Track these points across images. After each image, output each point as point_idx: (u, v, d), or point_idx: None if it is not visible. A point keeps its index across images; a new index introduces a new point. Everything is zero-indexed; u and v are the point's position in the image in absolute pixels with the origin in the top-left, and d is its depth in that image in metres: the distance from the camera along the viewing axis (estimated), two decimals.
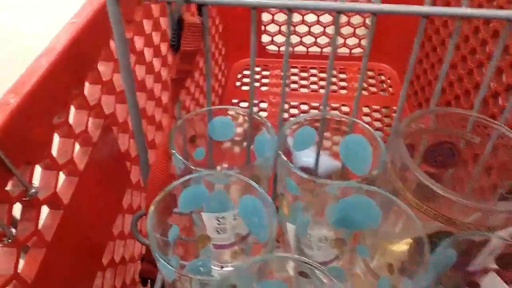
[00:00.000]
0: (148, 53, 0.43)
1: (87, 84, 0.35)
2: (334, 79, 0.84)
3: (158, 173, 0.30)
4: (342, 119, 0.32)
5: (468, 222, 0.25)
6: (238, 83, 0.84)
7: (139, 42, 0.42)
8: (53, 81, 0.29)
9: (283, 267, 0.22)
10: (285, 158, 0.28)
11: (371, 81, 0.84)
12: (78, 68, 0.33)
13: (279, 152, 0.29)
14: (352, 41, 0.84)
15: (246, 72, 0.86)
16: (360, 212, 0.27)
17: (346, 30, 0.83)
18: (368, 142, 0.31)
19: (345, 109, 0.78)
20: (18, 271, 0.26)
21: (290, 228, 0.31)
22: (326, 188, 0.26)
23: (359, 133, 0.31)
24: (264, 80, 0.85)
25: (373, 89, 0.82)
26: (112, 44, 0.36)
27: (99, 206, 0.38)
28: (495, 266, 0.25)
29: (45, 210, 0.30)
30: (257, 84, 0.84)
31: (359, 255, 0.29)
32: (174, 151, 0.29)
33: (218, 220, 0.29)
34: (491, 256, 0.25)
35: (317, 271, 0.21)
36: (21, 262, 0.28)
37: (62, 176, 0.33)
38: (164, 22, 0.48)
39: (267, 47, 0.85)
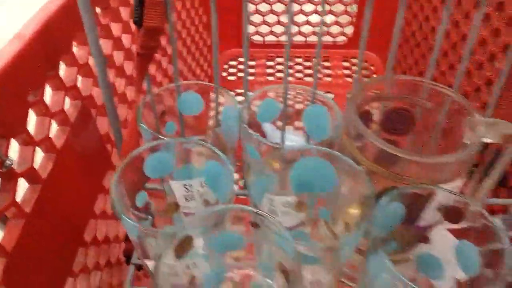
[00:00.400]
0: (116, 28, 0.44)
1: (63, 66, 0.36)
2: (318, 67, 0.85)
3: (129, 148, 0.32)
4: (304, 90, 0.33)
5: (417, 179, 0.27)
6: (224, 74, 0.86)
7: (104, 17, 0.43)
8: (26, 62, 0.31)
9: (239, 220, 0.24)
10: (246, 126, 0.30)
11: (355, 68, 0.86)
12: (51, 50, 0.34)
13: (241, 121, 0.30)
14: (335, 29, 0.86)
15: (232, 63, 0.88)
16: (318, 175, 0.28)
17: (329, 19, 0.84)
18: (327, 111, 0.32)
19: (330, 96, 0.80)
20: None
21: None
22: (283, 152, 0.28)
23: (320, 103, 0.33)
24: (250, 70, 0.86)
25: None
26: None
27: (78, 184, 0.39)
28: (443, 220, 0.27)
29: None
30: (242, 74, 0.85)
31: (320, 218, 0.31)
32: (142, 124, 0.31)
33: (186, 188, 0.31)
34: (439, 211, 0.26)
35: (267, 220, 0.22)
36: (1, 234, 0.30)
37: (41, 154, 0.35)
38: None
39: (252, 37, 0.87)
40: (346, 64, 0.87)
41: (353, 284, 0.31)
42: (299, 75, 0.85)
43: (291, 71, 0.86)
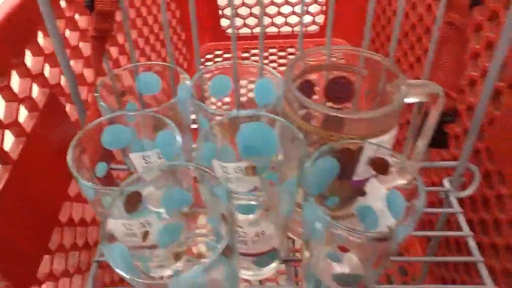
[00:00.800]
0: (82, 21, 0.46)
1: (30, 55, 0.39)
2: (292, 57, 0.88)
3: None
4: (252, 64, 0.36)
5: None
6: (201, 67, 0.88)
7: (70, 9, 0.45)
8: None
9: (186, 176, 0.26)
10: (195, 99, 0.32)
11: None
12: (16, 39, 0.37)
13: (191, 95, 0.33)
14: (307, 19, 0.88)
15: (209, 56, 0.90)
16: (260, 139, 0.31)
17: (300, 9, 0.87)
18: (274, 84, 0.35)
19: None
20: None
21: (215, 163, 0.35)
22: (227, 118, 0.30)
23: (268, 77, 0.36)
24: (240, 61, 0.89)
25: None
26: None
27: (50, 167, 0.41)
28: (374, 172, 0.29)
29: None
30: None
31: (268, 179, 0.33)
32: (102, 103, 0.33)
33: (144, 159, 0.33)
34: (369, 165, 0.29)
35: (206, 174, 0.25)
36: None
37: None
38: None
39: (226, 30, 0.89)
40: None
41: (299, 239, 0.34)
42: (273, 65, 0.87)
43: (266, 61, 0.88)
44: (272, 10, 0.87)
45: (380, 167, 0.29)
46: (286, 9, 0.87)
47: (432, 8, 0.55)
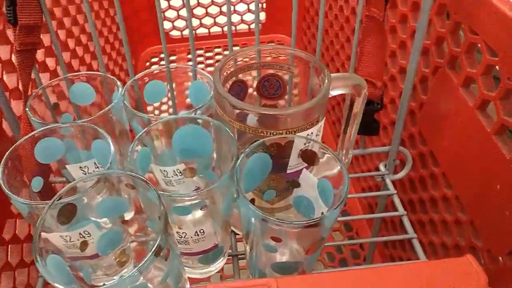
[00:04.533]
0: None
1: None
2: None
3: None
4: (186, 69, 0.36)
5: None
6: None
7: None
8: None
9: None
10: (128, 105, 0.32)
11: None
12: None
13: (124, 102, 0.33)
14: (249, 17, 0.90)
15: (154, 60, 0.90)
16: (196, 141, 0.32)
17: (241, 7, 0.88)
18: (208, 86, 0.36)
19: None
20: None
21: (154, 168, 0.36)
22: (161, 122, 0.31)
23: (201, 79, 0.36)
24: (172, 65, 0.89)
25: None
26: None
27: None
28: (306, 164, 0.31)
29: None
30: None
31: (208, 180, 0.34)
32: (33, 118, 0.33)
33: (82, 170, 0.33)
34: (299, 157, 0.30)
35: (138, 180, 0.25)
36: None
37: None
38: None
39: (170, 33, 0.89)
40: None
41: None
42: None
43: (211, 61, 0.89)
44: (214, 10, 0.87)
45: (310, 158, 0.30)
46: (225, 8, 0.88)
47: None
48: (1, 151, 0.43)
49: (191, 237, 0.30)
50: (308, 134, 0.30)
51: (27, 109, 0.33)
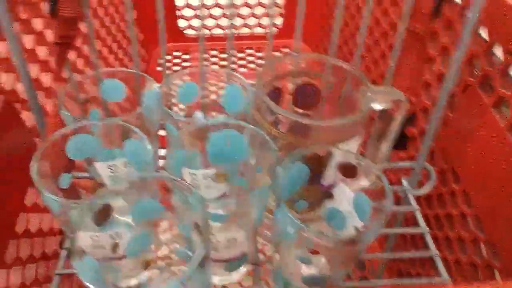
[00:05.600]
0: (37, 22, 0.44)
1: None
2: (251, 58, 0.89)
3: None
4: (221, 72, 0.36)
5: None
6: (159, 68, 0.87)
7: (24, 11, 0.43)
8: None
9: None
10: (164, 106, 0.32)
11: None
12: None
13: (160, 103, 0.32)
14: (266, 21, 0.89)
15: (168, 57, 0.89)
16: (230, 146, 0.31)
17: (259, 11, 0.88)
18: (242, 90, 0.35)
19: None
20: None
21: (184, 171, 0.35)
22: (196, 126, 0.30)
23: (236, 84, 0.36)
24: (185, 64, 0.88)
25: None
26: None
27: (4, 176, 0.39)
28: (342, 177, 0.30)
29: None
30: (178, 68, 0.87)
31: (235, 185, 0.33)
32: (64, 112, 0.32)
33: (110, 169, 0.32)
34: (338, 169, 0.30)
35: (178, 184, 0.25)
36: None
37: None
38: None
39: (184, 31, 0.88)
40: (277, 54, 0.91)
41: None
42: (233, 66, 0.87)
43: (224, 63, 0.88)
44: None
45: (348, 171, 0.30)
46: (245, 10, 0.87)
47: (389, 12, 0.57)
48: (21, 142, 0.42)
49: (223, 244, 0.29)
50: (347, 147, 0.30)
51: (60, 103, 0.32)
